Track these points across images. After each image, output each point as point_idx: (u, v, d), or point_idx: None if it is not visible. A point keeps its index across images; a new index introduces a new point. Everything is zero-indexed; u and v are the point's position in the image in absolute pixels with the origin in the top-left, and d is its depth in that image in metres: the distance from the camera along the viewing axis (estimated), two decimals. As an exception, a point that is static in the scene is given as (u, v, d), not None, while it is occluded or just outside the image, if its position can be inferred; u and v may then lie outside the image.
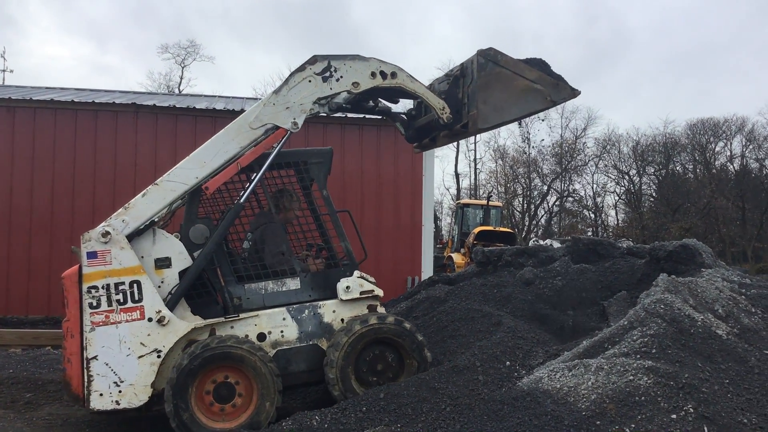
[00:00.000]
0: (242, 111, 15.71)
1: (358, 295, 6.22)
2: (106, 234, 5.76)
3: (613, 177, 54.78)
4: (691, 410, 4.53)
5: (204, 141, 6.20)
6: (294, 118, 6.17)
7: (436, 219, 42.46)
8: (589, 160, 54.49)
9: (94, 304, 5.70)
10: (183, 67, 54.90)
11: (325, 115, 6.51)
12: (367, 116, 16.53)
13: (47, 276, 14.82)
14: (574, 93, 6.67)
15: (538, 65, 6.59)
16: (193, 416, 5.59)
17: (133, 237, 5.87)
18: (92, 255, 5.75)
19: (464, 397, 5.41)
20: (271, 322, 6.07)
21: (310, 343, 6.13)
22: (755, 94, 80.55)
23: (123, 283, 5.74)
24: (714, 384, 4.86)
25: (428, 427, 5.01)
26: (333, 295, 6.25)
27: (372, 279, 6.36)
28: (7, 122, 15.18)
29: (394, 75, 6.39)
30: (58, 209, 15.16)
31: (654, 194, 53.47)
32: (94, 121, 15.48)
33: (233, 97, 20.94)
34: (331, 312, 6.20)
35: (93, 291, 5.71)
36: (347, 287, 6.21)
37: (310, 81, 6.20)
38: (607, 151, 54.48)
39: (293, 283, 6.24)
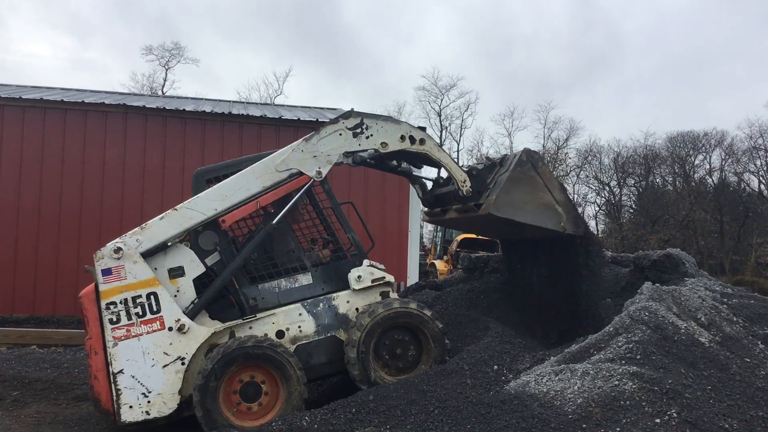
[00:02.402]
0: (230, 114, 15.88)
1: (369, 284, 6.37)
2: (118, 250, 5.83)
3: (594, 188, 55.15)
4: (675, 415, 4.66)
5: (193, 143, 6.29)
6: (319, 167, 6.38)
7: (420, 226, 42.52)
8: (570, 171, 54.86)
9: (114, 319, 5.78)
10: (167, 69, 54.63)
11: (348, 165, 6.65)
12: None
13: (33, 275, 14.78)
14: (586, 232, 6.86)
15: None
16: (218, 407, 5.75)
17: (145, 255, 5.94)
18: (107, 272, 5.82)
19: (452, 400, 5.49)
20: (288, 318, 6.21)
21: (328, 335, 6.28)
22: (744, 105, 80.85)
23: (140, 296, 5.83)
24: (697, 390, 4.99)
25: (417, 428, 5.08)
26: (345, 285, 6.38)
27: (381, 266, 6.51)
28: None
29: (422, 141, 6.61)
30: (45, 208, 15.07)
31: (634, 206, 53.82)
32: (84, 121, 15.44)
33: (220, 100, 20.97)
34: (345, 302, 6.34)
35: (112, 307, 5.79)
36: (358, 276, 6.36)
37: (340, 134, 6.42)
38: (588, 162, 54.92)
39: (305, 279, 6.39)
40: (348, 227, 6.58)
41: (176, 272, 6.07)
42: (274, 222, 6.28)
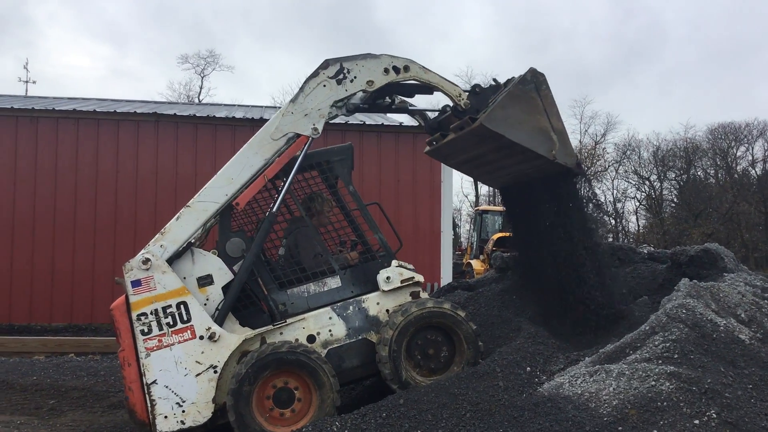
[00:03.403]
0: (261, 119, 15.91)
1: (399, 284, 6.28)
2: (146, 261, 5.83)
3: (634, 182, 54.44)
4: (714, 416, 4.51)
5: (224, 150, 6.25)
6: (314, 124, 6.24)
7: (455, 226, 42.40)
8: (608, 166, 54.21)
9: (146, 330, 5.78)
10: (203, 77, 55.44)
11: (344, 116, 6.56)
12: (386, 124, 16.68)
13: (70, 284, 15.02)
14: (577, 165, 6.61)
15: None
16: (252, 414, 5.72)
17: (172, 260, 5.95)
18: (137, 283, 5.83)
19: (484, 403, 5.40)
20: (318, 323, 6.14)
21: (360, 337, 6.21)
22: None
23: (170, 306, 5.82)
24: (737, 389, 4.82)
25: (448, 432, 5.00)
26: (374, 287, 6.30)
27: (410, 266, 6.42)
28: (31, 133, 15.41)
29: (407, 68, 6.42)
30: (80, 218, 15.31)
31: (675, 200, 53.00)
32: (116, 130, 15.67)
33: (252, 106, 21.09)
34: (375, 304, 6.26)
35: (143, 318, 5.79)
36: (387, 277, 6.27)
37: (324, 85, 6.27)
38: (627, 157, 54.18)
39: (334, 282, 6.31)
40: (375, 228, 6.50)
41: (205, 281, 6.05)
42: (274, 209, 6.22)
